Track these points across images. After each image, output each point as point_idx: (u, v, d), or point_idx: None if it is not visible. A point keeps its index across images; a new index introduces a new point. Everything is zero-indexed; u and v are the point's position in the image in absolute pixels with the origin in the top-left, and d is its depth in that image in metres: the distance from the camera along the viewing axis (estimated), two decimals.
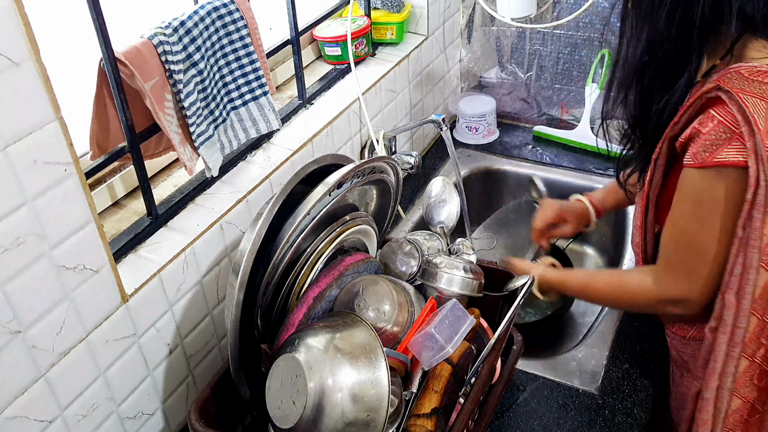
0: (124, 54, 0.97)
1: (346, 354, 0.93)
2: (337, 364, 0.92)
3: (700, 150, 0.92)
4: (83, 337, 0.95)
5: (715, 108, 0.91)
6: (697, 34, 0.94)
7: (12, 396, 0.87)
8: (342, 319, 1.01)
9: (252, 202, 1.23)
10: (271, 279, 1.03)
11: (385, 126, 1.68)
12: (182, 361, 1.16)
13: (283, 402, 0.93)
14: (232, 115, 1.23)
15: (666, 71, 0.99)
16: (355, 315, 1.02)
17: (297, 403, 0.91)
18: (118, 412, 1.05)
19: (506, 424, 1.19)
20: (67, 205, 0.88)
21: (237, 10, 1.16)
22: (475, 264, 1.19)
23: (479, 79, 2.05)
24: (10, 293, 0.83)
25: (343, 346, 0.94)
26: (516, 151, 1.93)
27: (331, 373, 0.91)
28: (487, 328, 1.18)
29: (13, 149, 0.78)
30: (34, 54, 0.78)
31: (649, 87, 1.01)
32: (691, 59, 0.96)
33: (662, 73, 0.99)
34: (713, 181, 0.93)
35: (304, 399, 0.90)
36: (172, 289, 1.09)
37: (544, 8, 1.83)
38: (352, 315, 1.02)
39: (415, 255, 1.20)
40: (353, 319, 1.01)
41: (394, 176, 1.20)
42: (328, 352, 0.93)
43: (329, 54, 1.61)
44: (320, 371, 0.91)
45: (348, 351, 0.94)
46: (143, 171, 1.08)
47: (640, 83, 1.02)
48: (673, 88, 0.99)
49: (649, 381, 1.25)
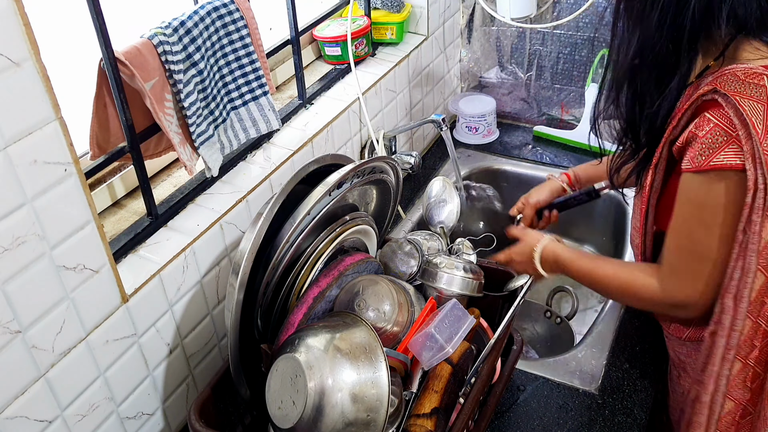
0: (124, 54, 0.97)
1: (346, 354, 0.93)
2: (337, 364, 0.92)
3: (697, 154, 0.92)
4: (83, 337, 0.95)
5: (710, 111, 0.91)
6: (687, 37, 0.94)
7: (12, 396, 0.87)
8: (342, 319, 1.01)
9: (252, 202, 1.23)
10: (271, 279, 1.03)
11: (385, 126, 1.68)
12: (182, 361, 1.16)
13: (283, 402, 0.93)
14: (232, 115, 1.23)
15: (657, 74, 0.98)
16: (355, 315, 1.02)
17: (297, 403, 0.91)
18: (118, 412, 1.05)
19: (506, 424, 1.19)
20: (67, 205, 0.88)
21: (237, 10, 1.16)
22: (475, 264, 1.19)
23: (479, 79, 2.05)
24: (10, 293, 0.83)
25: (343, 346, 0.94)
26: (516, 151, 1.93)
27: (331, 373, 0.91)
28: (487, 328, 1.18)
29: (13, 149, 0.78)
30: (34, 54, 0.78)
31: (641, 89, 1.01)
32: (682, 62, 0.96)
33: (653, 76, 0.99)
34: (712, 185, 0.93)
35: (303, 399, 0.90)
36: (172, 289, 1.09)
37: (544, 8, 1.83)
38: (352, 315, 1.02)
39: (415, 255, 1.20)
40: (353, 319, 1.01)
41: (394, 176, 1.20)
42: (328, 352, 0.93)
43: (329, 54, 1.61)
44: (320, 371, 0.91)
45: (348, 351, 0.94)
46: (143, 171, 1.08)
47: (632, 86, 1.02)
48: (664, 91, 0.98)
49: (649, 381, 1.25)
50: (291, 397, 0.92)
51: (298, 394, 0.91)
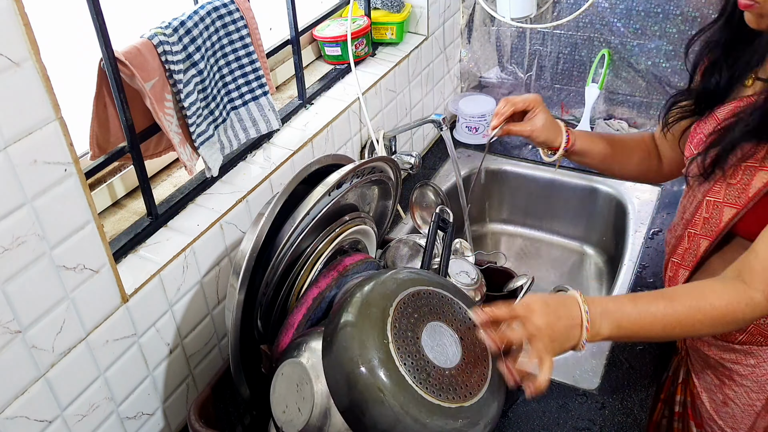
0: (124, 54, 0.97)
1: None
2: None
3: None
4: (83, 337, 0.95)
5: None
6: None
7: (12, 396, 0.87)
8: None
9: (252, 202, 1.23)
10: (271, 279, 1.02)
11: (385, 126, 1.68)
12: (182, 361, 1.16)
13: (288, 407, 0.93)
14: (232, 115, 1.23)
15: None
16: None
17: (303, 410, 0.90)
18: (118, 412, 1.05)
19: (506, 424, 1.19)
20: (67, 205, 0.88)
21: (237, 10, 1.16)
22: (479, 273, 1.18)
23: (479, 79, 2.05)
24: (10, 293, 0.83)
25: None
26: (516, 151, 1.93)
27: None
28: None
29: (13, 149, 0.78)
30: (34, 54, 0.78)
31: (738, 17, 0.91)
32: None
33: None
34: None
35: (309, 407, 0.89)
36: (172, 289, 1.09)
37: (544, 8, 1.83)
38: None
39: (415, 256, 1.20)
40: None
41: (394, 176, 1.20)
42: None
43: (329, 54, 1.61)
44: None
45: None
46: (143, 171, 1.08)
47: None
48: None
49: (649, 381, 1.25)
50: (297, 404, 0.91)
51: (304, 401, 0.90)
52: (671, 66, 1.76)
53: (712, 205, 1.03)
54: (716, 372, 1.15)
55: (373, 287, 0.89)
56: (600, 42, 1.82)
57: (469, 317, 0.92)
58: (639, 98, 1.85)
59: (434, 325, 0.88)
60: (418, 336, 0.85)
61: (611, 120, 1.91)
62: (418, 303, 0.89)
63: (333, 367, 0.84)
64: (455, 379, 0.84)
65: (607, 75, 1.84)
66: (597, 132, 1.30)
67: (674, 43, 1.73)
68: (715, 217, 1.03)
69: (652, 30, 1.74)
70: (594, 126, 1.90)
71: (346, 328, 0.85)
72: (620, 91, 1.86)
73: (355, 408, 0.82)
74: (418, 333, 0.86)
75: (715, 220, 1.03)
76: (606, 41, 1.81)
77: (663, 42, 1.74)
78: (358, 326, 0.84)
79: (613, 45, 1.81)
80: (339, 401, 0.84)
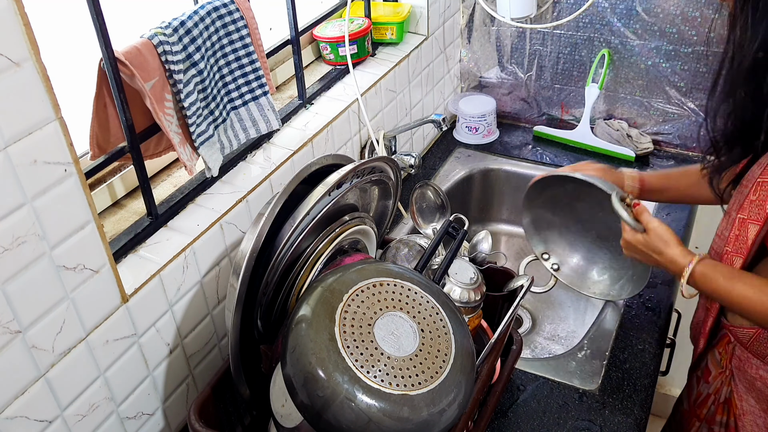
0: (124, 54, 0.97)
1: None
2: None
3: None
4: (83, 337, 0.96)
5: None
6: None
7: (12, 396, 0.87)
8: None
9: (252, 202, 1.23)
10: (271, 279, 1.02)
11: (385, 126, 1.68)
12: (182, 361, 1.16)
13: (287, 401, 0.93)
14: (232, 115, 1.23)
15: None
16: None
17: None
18: (118, 412, 1.05)
19: (506, 424, 1.19)
20: (67, 205, 0.88)
21: (237, 10, 1.16)
22: (480, 276, 1.17)
23: (479, 79, 2.06)
24: (10, 293, 0.83)
25: None
26: (516, 151, 1.93)
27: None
28: (486, 328, 1.18)
29: (13, 149, 0.78)
30: (34, 54, 0.78)
31: (763, 87, 0.92)
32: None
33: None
34: None
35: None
36: (172, 289, 1.09)
37: (544, 8, 1.83)
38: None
39: (415, 256, 1.20)
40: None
41: (394, 176, 1.20)
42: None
43: (326, 55, 1.61)
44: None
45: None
46: (143, 171, 1.08)
47: (752, 82, 0.93)
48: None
49: (649, 381, 1.25)
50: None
51: None
52: (671, 66, 1.76)
53: (741, 222, 1.03)
54: (760, 395, 1.12)
55: (335, 278, 0.93)
56: (600, 42, 1.82)
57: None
58: (639, 98, 1.85)
59: (393, 314, 0.91)
60: (370, 324, 0.89)
61: (611, 120, 1.91)
62: (380, 294, 0.92)
63: (285, 348, 0.89)
64: (406, 368, 0.86)
65: (607, 75, 1.84)
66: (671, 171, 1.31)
67: (674, 43, 1.73)
68: (743, 234, 1.03)
69: (652, 30, 1.74)
70: (594, 126, 1.90)
71: (299, 312, 0.90)
72: (620, 91, 1.86)
73: (294, 380, 0.86)
74: (371, 322, 0.89)
75: (743, 237, 1.03)
76: (606, 41, 1.81)
77: (663, 42, 1.74)
78: (311, 311, 0.88)
79: (613, 45, 1.81)
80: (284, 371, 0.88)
